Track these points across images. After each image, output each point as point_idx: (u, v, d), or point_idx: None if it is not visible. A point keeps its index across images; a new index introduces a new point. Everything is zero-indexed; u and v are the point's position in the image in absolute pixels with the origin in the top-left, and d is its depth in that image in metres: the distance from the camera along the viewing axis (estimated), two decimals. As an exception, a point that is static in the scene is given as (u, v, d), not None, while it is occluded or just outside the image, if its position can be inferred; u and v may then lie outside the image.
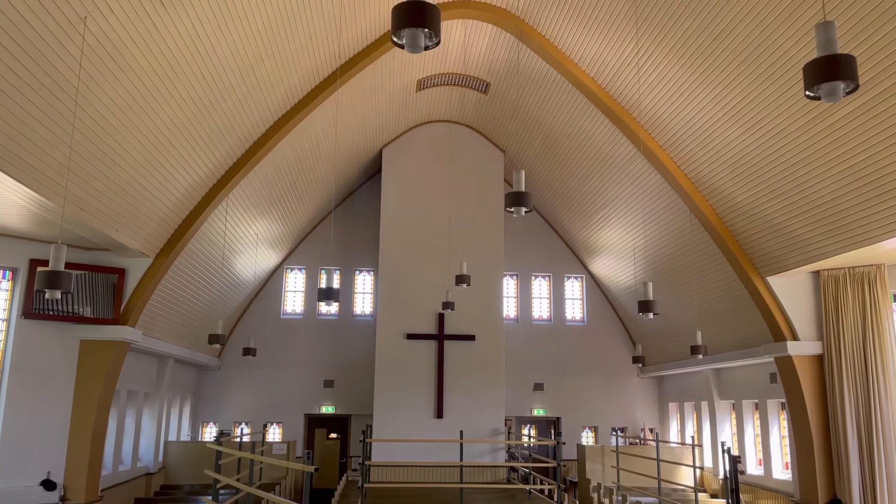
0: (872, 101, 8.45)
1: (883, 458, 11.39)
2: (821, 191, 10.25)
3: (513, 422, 19.74)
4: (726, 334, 14.83)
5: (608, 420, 19.94)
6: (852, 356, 12.02)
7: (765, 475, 14.58)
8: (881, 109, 8.44)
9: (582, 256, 20.53)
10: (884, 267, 11.97)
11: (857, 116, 8.80)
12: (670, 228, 14.77)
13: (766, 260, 12.41)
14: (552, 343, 20.33)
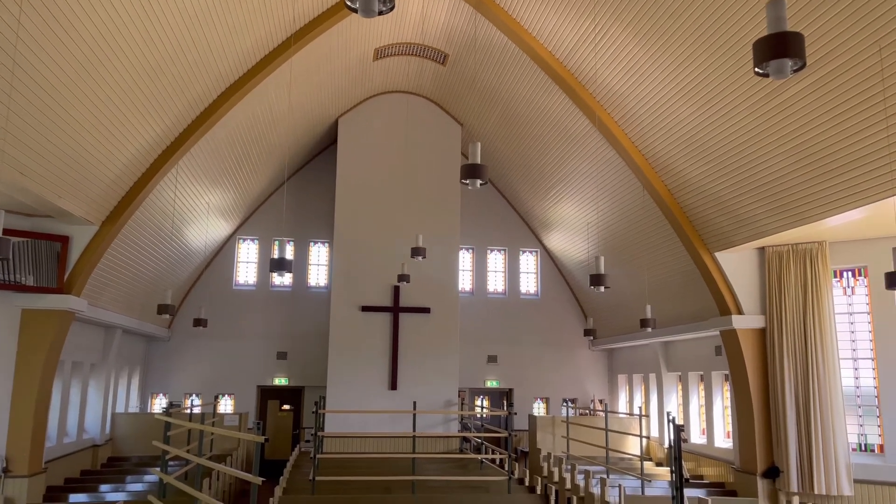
0: (820, 80, 8.65)
1: (819, 428, 11.89)
2: (768, 169, 10.50)
3: (466, 393, 19.97)
4: (675, 308, 15.20)
5: (559, 391, 20.32)
6: (793, 330, 12.45)
7: (707, 444, 15.08)
8: (828, 90, 8.65)
9: (537, 231, 20.70)
10: (825, 244, 12.37)
11: (804, 96, 9.01)
12: (623, 204, 14.98)
13: (715, 236, 12.70)
14: (506, 316, 20.55)
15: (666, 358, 17.06)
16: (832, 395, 11.95)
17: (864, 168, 8.99)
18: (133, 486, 12.58)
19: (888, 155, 8.48)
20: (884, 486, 11.56)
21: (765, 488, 12.41)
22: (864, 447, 12.16)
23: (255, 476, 6.11)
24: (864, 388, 12.29)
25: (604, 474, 13.88)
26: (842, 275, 12.77)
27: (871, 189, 9.10)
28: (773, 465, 12.44)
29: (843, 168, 9.29)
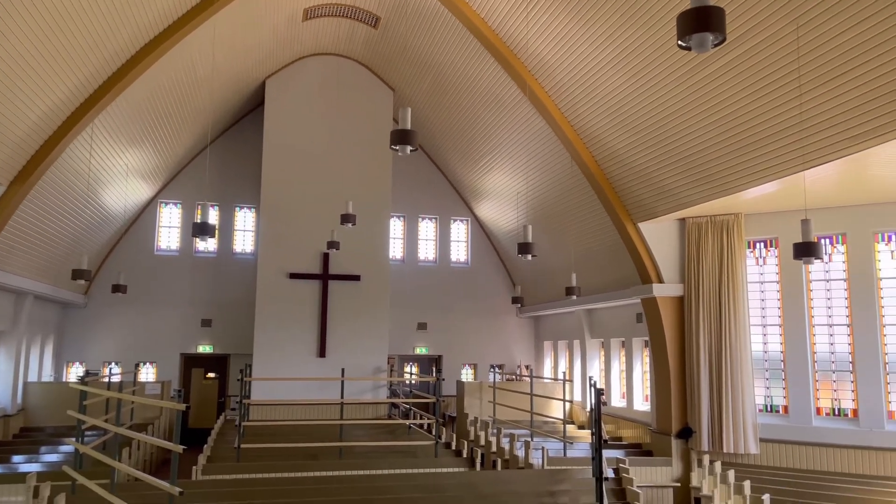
0: (739, 57, 8.92)
1: (729, 391, 12.53)
2: (690, 142, 10.82)
3: (395, 360, 20.07)
4: (599, 277, 15.61)
5: (487, 357, 20.67)
6: (709, 298, 13.00)
7: (627, 407, 15.69)
8: (747, 66, 8.94)
9: (469, 200, 20.79)
10: (741, 216, 12.91)
11: (725, 72, 9.28)
12: (552, 174, 15.18)
13: (639, 207, 13.06)
14: (437, 284, 20.66)
15: (590, 325, 17.56)
16: (742, 359, 12.59)
17: (779, 143, 9.37)
18: (48, 457, 12.14)
19: (801, 131, 8.87)
20: (786, 445, 12.32)
21: (678, 448, 13.03)
22: (770, 408, 12.91)
23: (176, 444, 5.98)
24: (772, 353, 13.00)
25: (528, 437, 14.26)
26: (755, 245, 13.38)
27: (784, 163, 9.51)
28: (686, 426, 13.06)
29: (759, 143, 9.67)
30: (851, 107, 8.12)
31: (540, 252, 17.14)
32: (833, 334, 12.41)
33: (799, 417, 12.39)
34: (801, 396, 12.42)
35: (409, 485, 9.46)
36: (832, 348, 12.39)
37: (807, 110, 8.60)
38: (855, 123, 8.21)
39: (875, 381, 11.71)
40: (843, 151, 8.54)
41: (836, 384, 12.31)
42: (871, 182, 10.57)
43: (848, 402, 12.14)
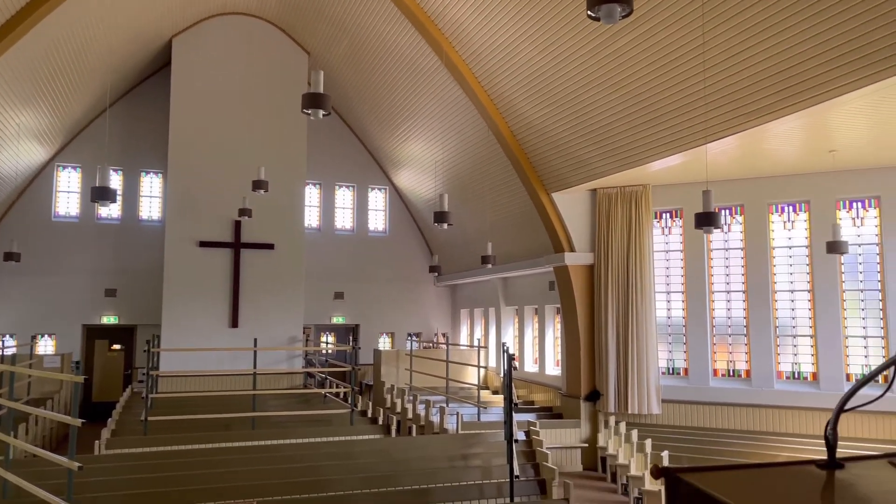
0: (647, 33, 9.16)
1: (635, 355, 13.09)
2: (602, 114, 11.08)
3: (311, 329, 19.86)
4: (514, 246, 15.89)
5: (405, 326, 20.76)
6: (617, 266, 13.47)
7: (539, 372, 16.17)
8: (654, 42, 9.19)
9: (386, 168, 20.62)
10: (649, 187, 13.38)
11: (634, 46, 9.52)
12: (469, 143, 15.24)
13: (552, 177, 13.31)
14: (354, 253, 20.48)
15: (505, 293, 17.90)
16: (647, 325, 13.16)
17: (683, 117, 9.73)
18: (-66, 436, 11.38)
19: (704, 105, 9.23)
20: (687, 405, 13.03)
21: (587, 410, 13.56)
22: (672, 371, 13.59)
23: (74, 418, 5.73)
24: (675, 319, 13.65)
25: (444, 404, 14.48)
26: (661, 216, 13.92)
27: (688, 136, 9.89)
28: (594, 389, 13.59)
29: (664, 116, 10.00)
30: (750, 83, 8.50)
31: (457, 221, 17.25)
32: (730, 300, 13.14)
33: (698, 379, 13.10)
34: (700, 359, 13.12)
35: (324, 453, 9.46)
36: (729, 313, 13.13)
37: (710, 85, 8.95)
38: (753, 100, 8.61)
39: (766, 343, 12.51)
40: (742, 126, 8.95)
41: (731, 347, 13.07)
42: (767, 156, 11.16)
43: (742, 363, 12.93)
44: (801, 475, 1.43)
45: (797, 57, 7.81)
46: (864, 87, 7.33)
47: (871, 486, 1.39)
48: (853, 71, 7.32)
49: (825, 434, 1.43)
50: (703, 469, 1.39)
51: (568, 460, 13.04)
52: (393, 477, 8.40)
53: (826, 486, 1.39)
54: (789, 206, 12.69)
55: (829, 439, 1.43)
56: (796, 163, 11.62)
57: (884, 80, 7.11)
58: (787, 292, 12.61)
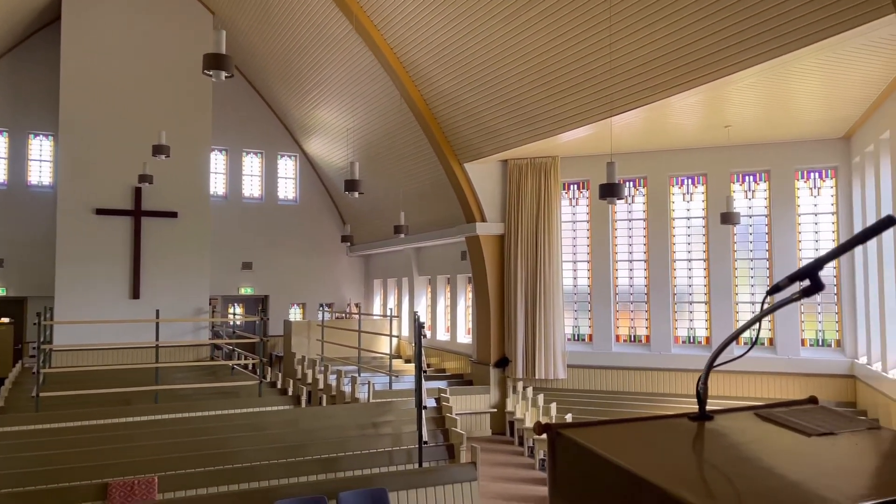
0: (555, 5, 9.26)
1: (542, 322, 13.46)
2: (512, 85, 11.17)
3: (218, 301, 19.32)
4: (427, 215, 15.92)
5: (316, 297, 20.51)
6: (526, 236, 13.75)
7: (451, 340, 16.39)
8: (562, 14, 9.31)
9: (296, 135, 20.11)
10: (558, 159, 13.66)
11: (543, 18, 9.61)
12: (381, 112, 15.06)
13: (465, 147, 13.36)
14: (263, 222, 19.98)
15: (418, 263, 17.95)
16: (554, 293, 13.54)
17: (591, 90, 9.95)
18: None
19: (609, 79, 9.45)
20: (590, 370, 13.55)
21: (496, 377, 13.88)
22: (577, 337, 14.07)
23: (-48, 395, 5.35)
24: (580, 287, 14.10)
25: (356, 373, 14.47)
26: (569, 187, 14.26)
27: (595, 109, 10.13)
28: (503, 356, 13.91)
29: (573, 89, 10.20)
30: (653, 59, 8.77)
31: (369, 190, 17.09)
32: (632, 269, 13.68)
33: (601, 345, 13.63)
34: (603, 326, 13.64)
35: (231, 425, 9.27)
36: (631, 282, 13.68)
37: (615, 59, 9.17)
38: (655, 75, 8.89)
39: (665, 310, 13.13)
40: (645, 100, 9.24)
41: (633, 314, 13.65)
42: (668, 130, 11.60)
43: (642, 329, 13.54)
44: (674, 427, 1.51)
45: (696, 34, 8.10)
46: (756, 66, 7.70)
47: (738, 436, 1.48)
48: (746, 49, 7.67)
49: (697, 389, 1.51)
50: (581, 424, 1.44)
51: (477, 425, 13.34)
52: (302, 447, 8.35)
53: (697, 436, 1.47)
54: (688, 179, 13.27)
55: (701, 393, 1.51)
56: (695, 137, 12.14)
57: (774, 59, 7.49)
58: (685, 261, 13.25)
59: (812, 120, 10.92)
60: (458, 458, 8.48)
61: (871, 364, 10.69)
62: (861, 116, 10.57)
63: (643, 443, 1.43)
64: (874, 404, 10.39)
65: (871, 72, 8.62)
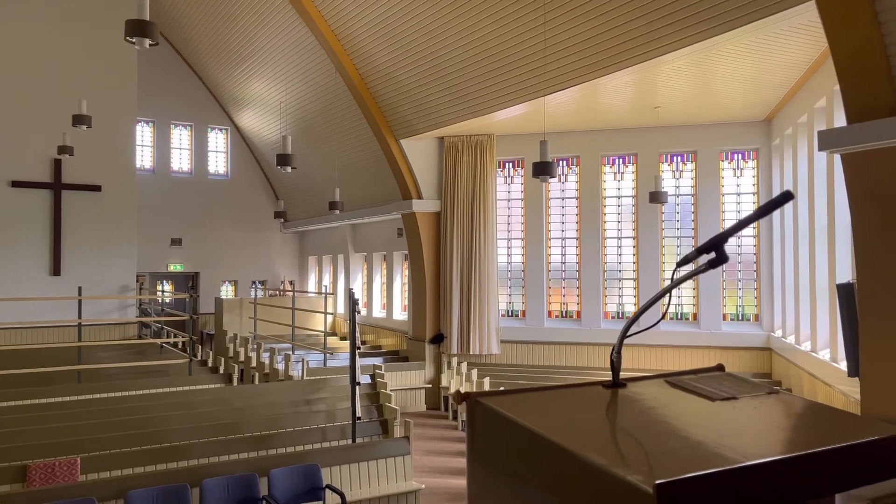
0: (495, -19, 9.26)
1: (477, 299, 13.61)
2: (449, 61, 11.13)
3: (146, 277, 18.73)
4: (363, 192, 15.79)
5: (249, 274, 20.13)
6: (462, 214, 13.82)
7: (387, 317, 16.39)
8: (501, -10, 9.32)
9: (228, 107, 19.55)
10: (493, 137, 13.74)
11: (481, -7, 9.59)
12: (316, 85, 14.78)
13: (401, 123, 13.28)
14: (193, 197, 19.40)
15: (353, 239, 17.82)
16: (489, 270, 13.69)
17: (525, 68, 10.02)
18: None
19: (544, 58, 9.54)
20: (523, 345, 13.81)
21: (431, 352, 13.99)
22: (511, 313, 14.30)
23: None
24: (514, 264, 14.30)
25: (290, 351, 14.33)
26: (504, 165, 14.38)
27: (529, 88, 10.21)
28: (439, 332, 14.02)
29: (508, 67, 10.25)
30: (586, 38, 8.88)
31: (303, 166, 16.82)
32: (565, 247, 13.95)
33: (534, 320, 13.89)
34: (536, 302, 13.90)
35: (159, 404, 9.05)
36: (564, 259, 13.96)
37: (549, 38, 9.25)
38: (589, 54, 9.02)
39: (595, 286, 13.47)
40: (578, 80, 9.38)
41: (565, 290, 13.96)
42: (601, 110, 11.81)
43: (574, 305, 13.86)
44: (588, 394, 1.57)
45: (628, 16, 8.25)
46: (684, 48, 7.91)
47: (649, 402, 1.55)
48: (676, 32, 7.87)
49: (611, 358, 1.57)
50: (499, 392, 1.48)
51: (412, 401, 13.44)
52: (234, 425, 8.23)
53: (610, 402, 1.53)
54: (619, 159, 13.58)
55: (615, 362, 1.57)
56: (626, 118, 12.41)
57: (701, 42, 7.71)
58: (615, 239, 13.59)
59: (736, 103, 11.32)
60: (391, 432, 8.54)
61: (785, 337, 11.27)
62: (781, 100, 11.01)
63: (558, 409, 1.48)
64: (787, 375, 10.98)
65: (791, 57, 8.98)
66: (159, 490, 5.78)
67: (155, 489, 5.78)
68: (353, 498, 6.63)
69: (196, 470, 6.45)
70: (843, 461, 1.22)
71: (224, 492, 6.02)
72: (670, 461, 1.17)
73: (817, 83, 9.19)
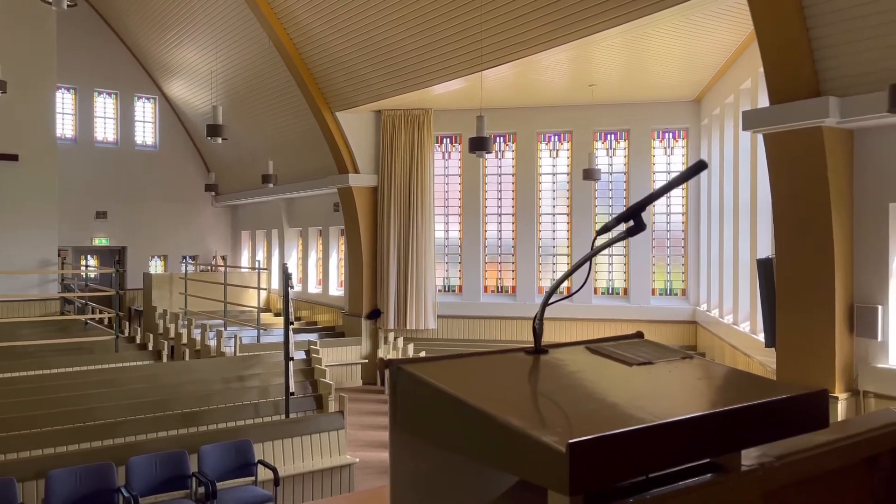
0: (432, -48, 9.14)
1: (414, 274, 13.62)
2: (386, 34, 10.97)
3: (68, 252, 17.96)
4: (298, 165, 15.50)
5: (179, 248, 19.55)
6: (399, 188, 13.74)
7: (323, 293, 16.24)
8: (438, -38, 9.21)
9: (155, 76, 18.78)
10: (431, 111, 13.66)
11: (419, -35, 9.46)
12: (249, 55, 14.34)
13: (336, 95, 13.05)
14: (119, 168, 18.63)
15: (288, 214, 17.52)
16: (427, 245, 13.70)
17: (462, 43, 9.97)
18: None
19: (480, 33, 9.51)
20: (460, 319, 13.92)
21: (368, 328, 13.95)
22: (448, 288, 14.38)
23: None
24: (452, 239, 14.35)
25: (222, 327, 14.04)
26: (442, 140, 14.35)
27: (466, 62, 10.18)
28: (375, 307, 13.98)
29: (445, 41, 10.18)
30: (523, 14, 8.89)
31: (236, 137, 16.36)
32: (501, 222, 14.08)
33: (471, 295, 14.01)
34: (473, 277, 14.01)
35: (84, 381, 8.76)
36: (500, 235, 14.09)
37: (487, 13, 9.22)
38: (525, 30, 9.04)
39: (530, 262, 13.67)
40: (515, 55, 9.40)
41: (500, 266, 14.12)
42: (537, 87, 11.89)
43: (509, 280, 14.04)
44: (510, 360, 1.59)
45: (564, -8, 8.29)
46: (619, 26, 8.02)
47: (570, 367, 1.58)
48: (610, 9, 7.96)
49: (533, 325, 1.59)
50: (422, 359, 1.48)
51: (349, 376, 13.40)
52: (164, 402, 8.05)
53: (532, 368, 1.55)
54: (555, 136, 13.74)
55: (537, 329, 1.59)
56: (562, 95, 12.53)
57: (634, 21, 7.83)
58: (550, 215, 13.80)
59: (668, 83, 11.58)
60: (326, 407, 8.52)
61: (710, 311, 11.73)
62: (710, 81, 11.33)
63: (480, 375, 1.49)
64: (711, 346, 11.45)
65: (720, 39, 9.22)
66: (82, 469, 5.61)
67: (77, 468, 5.60)
68: (286, 473, 6.59)
69: (122, 448, 6.29)
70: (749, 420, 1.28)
71: (152, 469, 5.89)
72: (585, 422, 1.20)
73: (744, 65, 9.48)
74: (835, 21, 5.80)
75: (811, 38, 6.01)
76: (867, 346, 6.36)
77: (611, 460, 1.09)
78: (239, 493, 6.07)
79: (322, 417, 7.51)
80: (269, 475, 6.31)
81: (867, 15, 5.64)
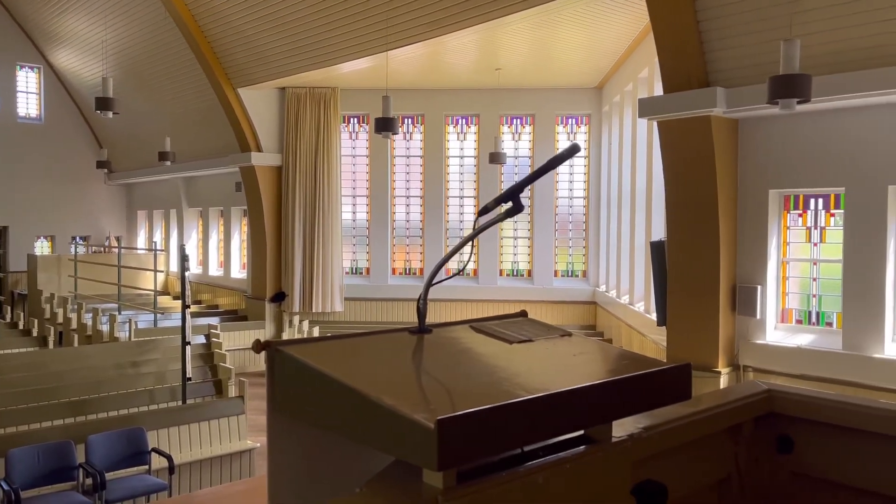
0: (338, -74, 8.93)
1: (320, 256, 13.41)
2: (289, 9, 10.66)
3: (-58, 232, 16.59)
4: (197, 143, 14.88)
5: (69, 229, 18.41)
6: (305, 168, 13.46)
7: (225, 275, 15.73)
8: (344, -63, 9.01)
9: (40, 43, 17.49)
10: (337, 90, 13.42)
11: (324, -61, 9.23)
12: (143, 25, 13.59)
13: (239, 71, 12.60)
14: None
15: (187, 193, 16.82)
16: (334, 227, 13.52)
17: (368, 22, 9.83)
18: None
19: (387, 12, 9.40)
20: (367, 301, 13.85)
21: (272, 311, 13.66)
22: (355, 271, 14.27)
23: None
24: (359, 221, 14.22)
25: (115, 311, 13.38)
26: (349, 120, 14.15)
27: (372, 42, 10.06)
28: (280, 290, 13.69)
29: (351, 19, 10.01)
30: (430, -5, 8.86)
31: (131, 112, 15.51)
32: (409, 205, 14.07)
33: (378, 277, 13.96)
34: (380, 259, 13.96)
35: (-43, 372, 8.14)
36: (408, 217, 14.08)
37: (394, -8, 9.12)
38: (433, 10, 9.00)
39: (438, 244, 13.74)
40: (421, 36, 9.36)
41: (408, 248, 14.12)
42: (445, 69, 11.91)
43: (417, 262, 14.08)
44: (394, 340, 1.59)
45: (470, -25, 8.30)
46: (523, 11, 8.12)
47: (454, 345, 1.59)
48: (515, -5, 8.05)
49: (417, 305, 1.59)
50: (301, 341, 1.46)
51: (251, 361, 13.08)
52: (50, 390, 7.60)
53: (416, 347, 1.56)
54: (462, 119, 13.81)
55: (421, 309, 1.60)
56: (469, 78, 12.60)
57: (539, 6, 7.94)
58: (458, 198, 13.90)
59: (572, 70, 11.86)
60: (225, 392, 8.30)
61: (608, 291, 12.19)
62: (611, 69, 11.69)
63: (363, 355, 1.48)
64: (609, 326, 11.91)
65: (621, 27, 9.51)
66: (-46, 465, 5.22)
67: (-51, 464, 5.21)
68: (183, 460, 6.38)
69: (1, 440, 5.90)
70: (617, 392, 1.33)
71: (34, 461, 5.55)
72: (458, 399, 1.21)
73: (642, 54, 9.83)
74: (722, 15, 6.10)
75: (701, 30, 6.30)
76: (747, 323, 6.79)
77: (482, 435, 1.11)
78: (130, 483, 5.83)
79: (220, 403, 7.31)
80: (165, 463, 6.09)
81: (750, 10, 5.96)
